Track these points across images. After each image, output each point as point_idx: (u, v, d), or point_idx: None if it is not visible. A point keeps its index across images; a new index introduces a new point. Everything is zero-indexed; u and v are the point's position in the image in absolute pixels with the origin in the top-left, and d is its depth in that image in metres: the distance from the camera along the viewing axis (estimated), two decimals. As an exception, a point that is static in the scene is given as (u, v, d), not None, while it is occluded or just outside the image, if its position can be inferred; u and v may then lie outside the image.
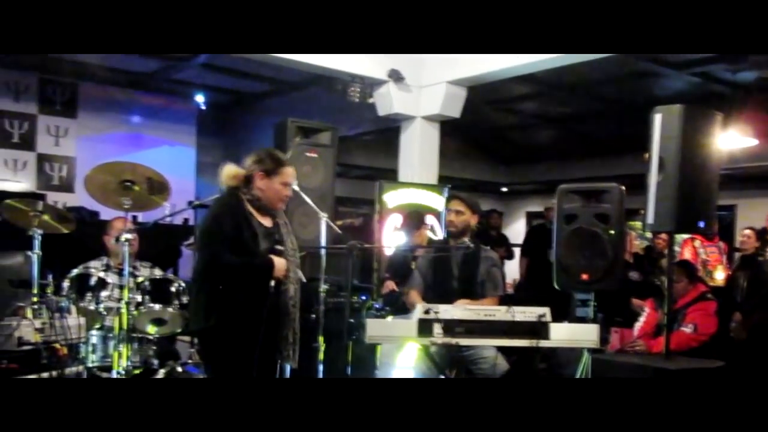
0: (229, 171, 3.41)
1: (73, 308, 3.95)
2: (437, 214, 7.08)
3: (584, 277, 4.41)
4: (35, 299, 3.78)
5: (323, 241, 4.93)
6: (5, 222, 4.07)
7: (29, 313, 3.44)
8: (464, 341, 3.71)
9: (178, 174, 7.93)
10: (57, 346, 3.55)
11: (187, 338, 4.70)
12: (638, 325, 5.37)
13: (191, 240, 5.69)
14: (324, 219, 4.92)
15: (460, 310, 3.74)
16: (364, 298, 5.82)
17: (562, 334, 3.67)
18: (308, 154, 6.25)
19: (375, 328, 3.76)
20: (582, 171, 11.12)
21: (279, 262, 3.31)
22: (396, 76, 6.94)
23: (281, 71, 7.63)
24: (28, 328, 3.33)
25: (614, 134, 9.97)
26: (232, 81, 9.03)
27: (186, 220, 7.91)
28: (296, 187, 4.88)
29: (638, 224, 8.92)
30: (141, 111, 9.51)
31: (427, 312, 3.66)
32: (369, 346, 4.46)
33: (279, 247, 3.35)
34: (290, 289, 3.40)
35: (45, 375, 3.53)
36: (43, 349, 3.50)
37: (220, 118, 10.29)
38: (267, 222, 3.45)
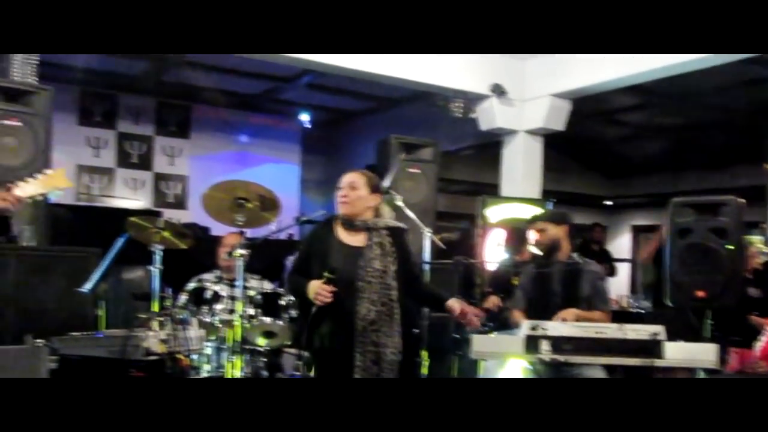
0: None
1: (194, 320, 4.14)
2: (541, 229, 6.96)
3: (700, 294, 4.23)
4: (159, 311, 3.99)
5: (427, 256, 4.96)
6: (129, 238, 4.32)
7: (155, 325, 3.64)
8: (573, 359, 3.62)
9: (283, 191, 8.15)
10: (180, 356, 3.74)
11: (293, 350, 4.81)
12: (759, 345, 5.07)
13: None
14: (428, 234, 4.96)
15: (568, 326, 3.66)
16: (466, 313, 5.77)
17: (678, 353, 3.53)
18: (410, 170, 6.33)
19: (480, 343, 3.74)
20: (693, 183, 10.65)
21: (312, 286, 3.31)
22: (498, 91, 6.91)
23: (384, 89, 7.74)
24: (154, 339, 3.52)
25: (729, 144, 9.50)
26: (336, 99, 9.24)
27: (291, 235, 8.14)
28: (400, 203, 4.98)
29: (756, 238, 8.43)
30: (249, 130, 9.89)
31: (534, 328, 3.60)
32: (472, 362, 4.43)
33: (327, 274, 3.31)
34: (362, 310, 3.32)
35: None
36: (167, 359, 3.69)
37: (323, 135, 10.53)
38: (356, 241, 3.48)
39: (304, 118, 9.59)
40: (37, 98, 5.04)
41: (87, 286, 4.10)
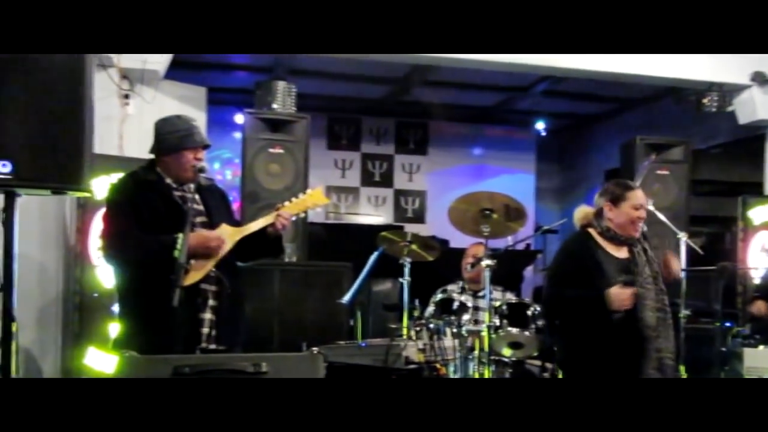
0: (579, 212, 3.62)
1: (448, 331, 4.26)
2: (817, 230, 6.19)
3: None
4: (413, 322, 4.16)
5: (683, 263, 4.65)
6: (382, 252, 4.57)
7: (413, 335, 3.82)
8: None
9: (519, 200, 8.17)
10: (437, 365, 3.89)
11: (537, 362, 4.75)
12: None
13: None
14: (684, 239, 4.65)
15: None
16: (729, 324, 5.35)
17: None
18: (659, 172, 5.99)
19: (755, 358, 3.44)
20: None
21: (614, 294, 3.25)
22: (762, 78, 6.22)
23: (625, 88, 7.39)
24: (412, 349, 3.70)
25: None
26: (573, 105, 9.02)
27: (528, 245, 8.03)
28: (651, 207, 4.72)
29: None
30: (483, 143, 9.96)
31: (821, 342, 3.20)
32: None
33: (621, 278, 3.31)
34: (646, 317, 3.31)
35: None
36: (425, 368, 3.85)
37: (559, 142, 10.34)
38: (621, 253, 3.46)
39: (540, 126, 9.48)
40: (296, 126, 5.55)
41: (346, 298, 4.39)
